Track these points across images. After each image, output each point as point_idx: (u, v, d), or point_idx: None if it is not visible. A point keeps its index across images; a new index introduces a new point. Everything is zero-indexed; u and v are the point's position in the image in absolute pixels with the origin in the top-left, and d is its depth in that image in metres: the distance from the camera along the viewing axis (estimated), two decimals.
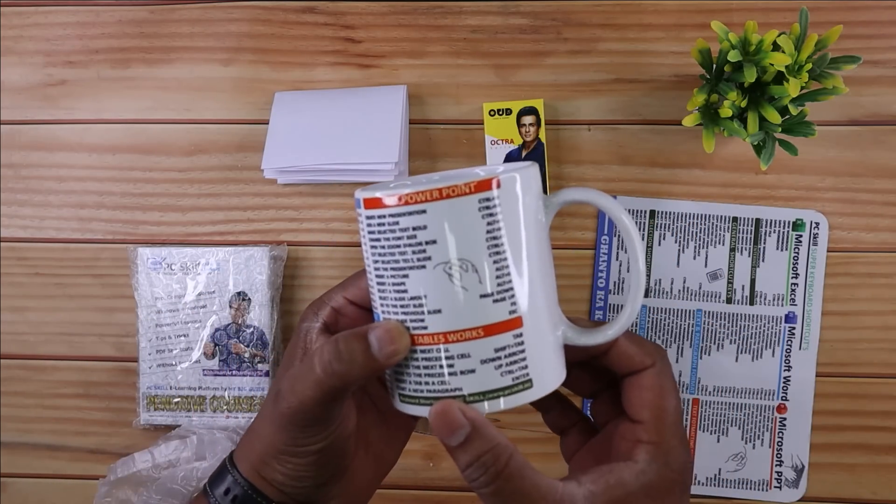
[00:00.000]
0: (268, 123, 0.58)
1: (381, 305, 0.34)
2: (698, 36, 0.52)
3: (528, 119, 0.57)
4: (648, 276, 0.58)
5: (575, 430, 0.41)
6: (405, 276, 0.32)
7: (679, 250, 0.58)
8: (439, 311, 0.32)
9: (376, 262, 0.33)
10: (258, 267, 0.59)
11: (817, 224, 0.58)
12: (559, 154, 0.59)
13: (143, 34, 0.61)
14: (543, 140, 0.57)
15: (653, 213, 0.58)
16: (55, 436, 0.62)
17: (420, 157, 0.59)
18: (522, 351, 0.33)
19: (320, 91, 0.60)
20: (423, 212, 0.31)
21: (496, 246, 0.32)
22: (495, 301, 0.32)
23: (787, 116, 0.50)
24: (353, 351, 0.32)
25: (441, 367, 0.32)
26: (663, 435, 0.35)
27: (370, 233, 0.33)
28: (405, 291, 0.32)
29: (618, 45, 0.58)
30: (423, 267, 0.32)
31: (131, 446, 0.61)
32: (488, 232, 0.32)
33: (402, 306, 0.33)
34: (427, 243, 0.31)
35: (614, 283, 0.59)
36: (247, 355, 0.59)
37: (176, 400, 0.60)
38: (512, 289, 0.32)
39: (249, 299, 0.59)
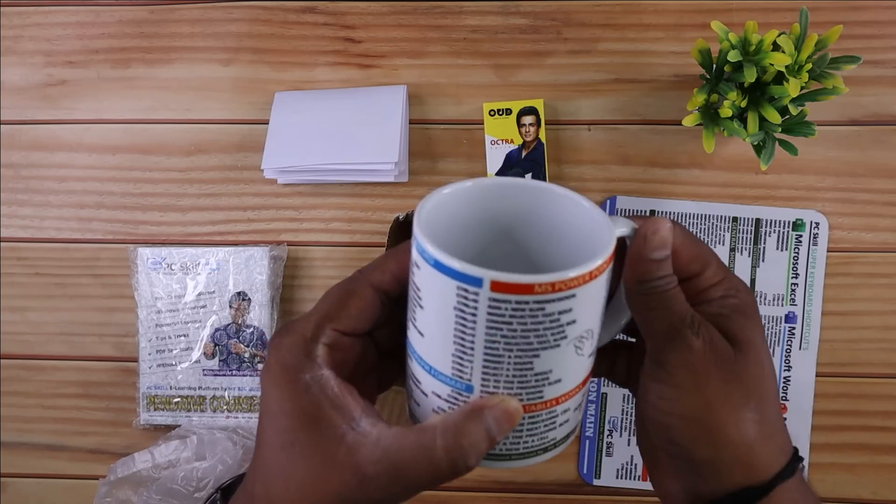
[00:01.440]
0: (268, 123, 0.58)
1: (484, 378, 0.31)
2: (698, 36, 0.52)
3: (528, 119, 0.57)
4: None
5: (619, 358, 0.38)
6: (536, 355, 0.30)
7: None
8: (559, 381, 0.31)
9: (493, 342, 0.30)
10: (258, 267, 0.59)
11: (817, 224, 0.57)
12: (559, 154, 0.58)
13: (143, 34, 0.61)
14: (543, 140, 0.57)
15: (653, 213, 0.58)
16: (55, 436, 0.62)
17: (420, 157, 0.59)
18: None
19: (320, 91, 0.60)
20: (573, 296, 0.29)
21: (603, 306, 0.32)
22: (590, 355, 0.32)
23: (787, 116, 0.50)
24: (476, 444, 0.31)
25: (546, 425, 0.32)
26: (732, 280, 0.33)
27: (494, 315, 0.30)
28: (530, 369, 0.31)
29: (618, 45, 0.58)
30: (558, 346, 0.30)
31: (131, 446, 0.61)
32: (604, 297, 0.31)
33: (520, 382, 0.31)
34: (567, 324, 0.30)
35: None
36: (247, 355, 0.59)
37: (176, 400, 0.60)
38: (599, 338, 0.32)
39: (249, 299, 0.59)
